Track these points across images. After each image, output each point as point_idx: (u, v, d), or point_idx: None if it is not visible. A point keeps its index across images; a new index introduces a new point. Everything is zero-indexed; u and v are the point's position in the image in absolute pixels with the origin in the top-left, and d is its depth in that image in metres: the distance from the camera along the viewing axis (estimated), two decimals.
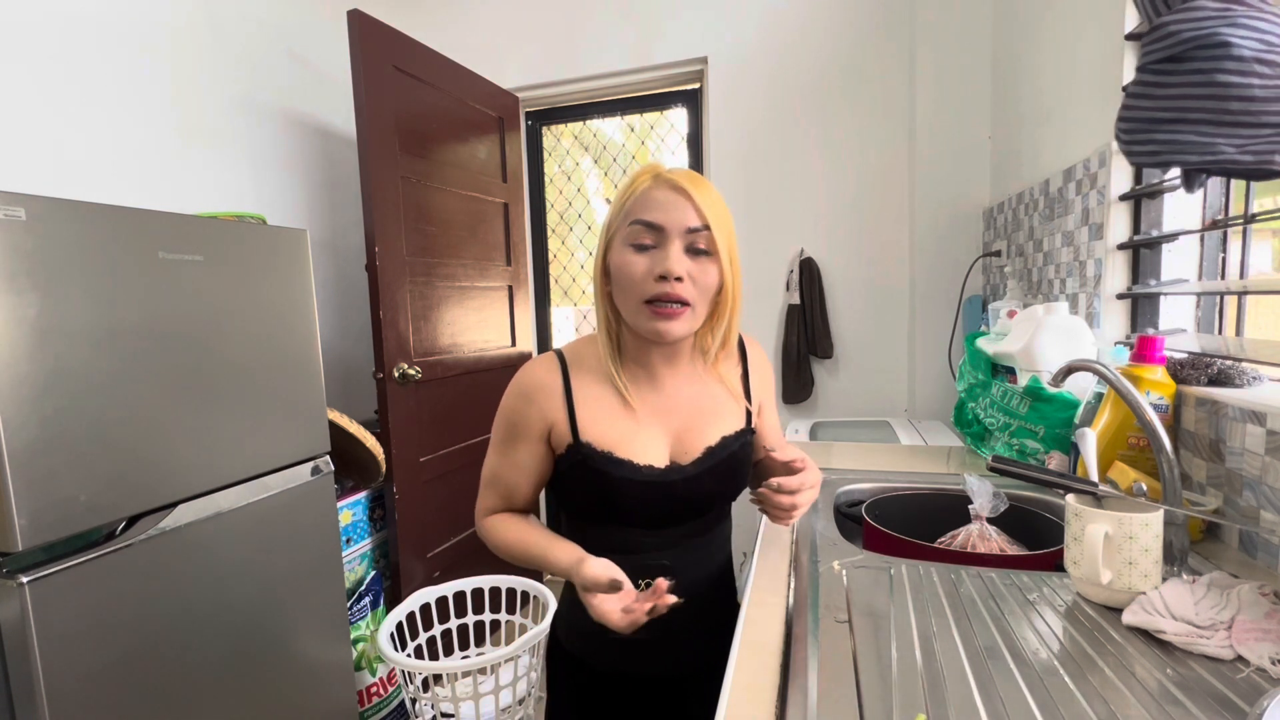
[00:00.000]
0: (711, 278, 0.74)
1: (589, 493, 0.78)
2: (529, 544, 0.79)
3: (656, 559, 0.79)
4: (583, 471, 0.77)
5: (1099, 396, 0.97)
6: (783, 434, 0.98)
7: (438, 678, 1.70)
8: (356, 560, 1.82)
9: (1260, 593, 0.64)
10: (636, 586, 0.79)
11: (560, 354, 0.82)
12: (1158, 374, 0.89)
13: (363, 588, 1.75)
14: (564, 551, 0.75)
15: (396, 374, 1.88)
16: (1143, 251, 1.20)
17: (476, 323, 2.27)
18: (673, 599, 0.67)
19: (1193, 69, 0.73)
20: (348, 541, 1.77)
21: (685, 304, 0.73)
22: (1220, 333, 1.12)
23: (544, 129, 2.68)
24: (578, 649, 0.85)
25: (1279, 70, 0.70)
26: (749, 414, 0.86)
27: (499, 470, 0.82)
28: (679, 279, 0.71)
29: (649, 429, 0.80)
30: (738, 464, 0.82)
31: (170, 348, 1.15)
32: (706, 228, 0.73)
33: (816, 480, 0.78)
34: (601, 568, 0.69)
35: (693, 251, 0.73)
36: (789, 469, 0.77)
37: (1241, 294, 1.06)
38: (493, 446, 0.83)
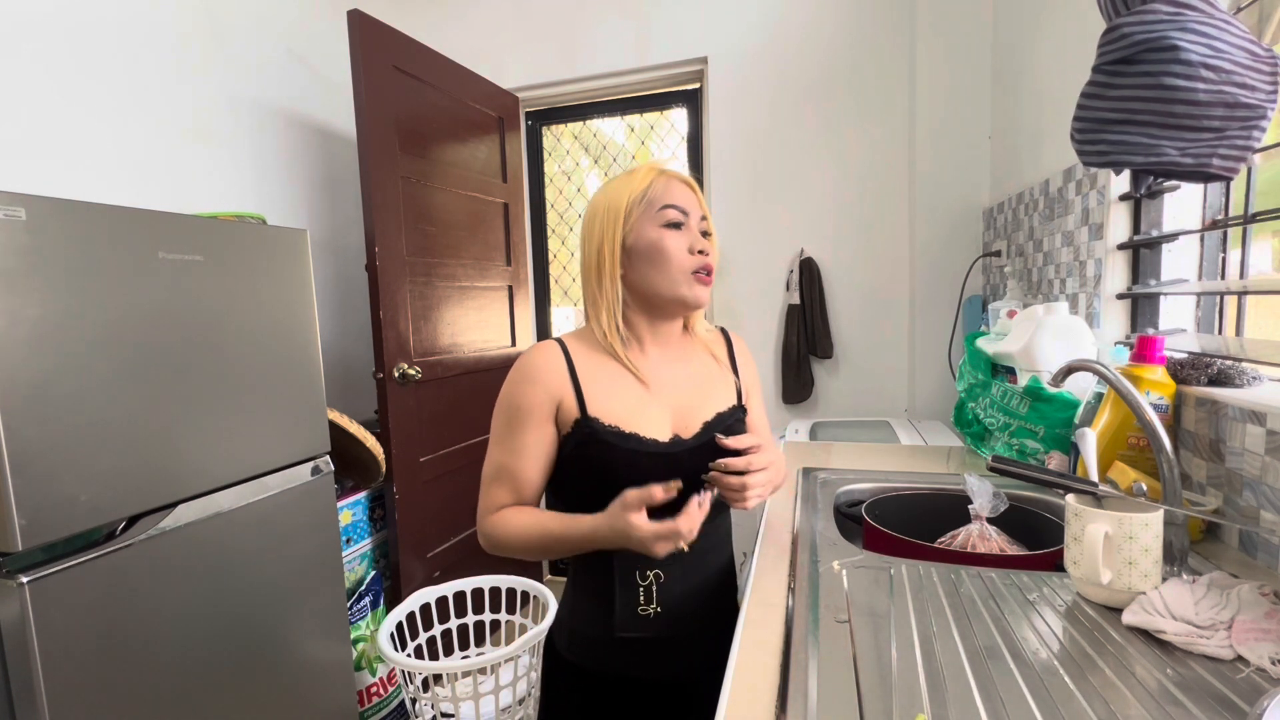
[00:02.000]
0: (714, 256, 0.86)
1: (595, 472, 0.78)
2: (547, 524, 0.78)
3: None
4: (590, 448, 0.78)
5: (1099, 396, 0.97)
6: (770, 431, 0.99)
7: (438, 678, 1.70)
8: (356, 560, 1.82)
9: (1260, 593, 0.64)
10: (643, 581, 0.80)
11: (558, 339, 0.85)
12: (1158, 374, 0.89)
13: (363, 588, 1.75)
14: (586, 518, 0.75)
15: (396, 374, 1.88)
16: (1143, 251, 1.20)
17: (476, 323, 2.28)
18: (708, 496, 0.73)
19: (1142, 71, 0.74)
20: (348, 541, 1.77)
21: (712, 273, 0.85)
22: (1220, 333, 1.12)
23: (544, 129, 2.68)
24: (579, 656, 0.84)
25: (1223, 76, 0.71)
26: (739, 393, 0.90)
27: (504, 461, 0.81)
28: (707, 253, 0.84)
29: (652, 404, 0.82)
30: None
31: (170, 348, 1.15)
32: (707, 216, 0.87)
33: (769, 462, 0.78)
34: (635, 497, 0.71)
35: (702, 235, 0.85)
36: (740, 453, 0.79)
37: (1241, 294, 1.06)
38: (495, 442, 0.82)
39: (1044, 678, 0.57)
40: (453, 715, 1.53)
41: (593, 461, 0.78)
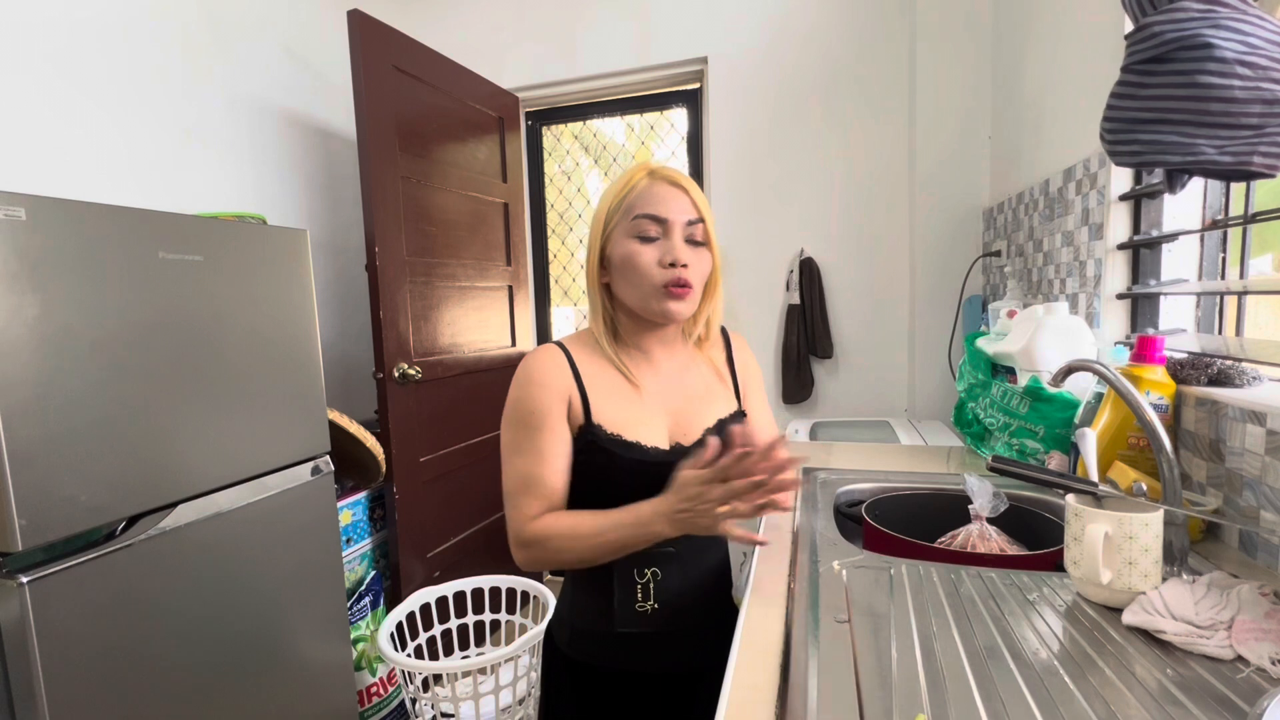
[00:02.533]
0: (707, 264, 0.82)
1: (597, 478, 0.79)
2: (601, 519, 0.75)
3: (663, 545, 0.80)
4: (592, 455, 0.78)
5: (1099, 396, 0.97)
6: (776, 426, 0.98)
7: (438, 678, 1.70)
8: (356, 560, 1.82)
9: (1260, 593, 0.64)
10: (640, 578, 0.80)
11: (559, 343, 0.84)
12: (1158, 374, 0.89)
13: (363, 588, 1.75)
14: (642, 504, 0.73)
15: (396, 374, 1.87)
16: (1143, 251, 1.20)
17: (476, 323, 2.27)
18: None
19: (1175, 70, 0.73)
20: (348, 541, 1.77)
21: (690, 287, 0.80)
22: (1220, 333, 1.12)
23: (544, 129, 2.68)
24: (579, 652, 0.85)
25: (1260, 72, 0.70)
26: (739, 397, 0.90)
27: (529, 469, 0.77)
28: (684, 265, 0.78)
29: (651, 411, 0.82)
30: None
31: (171, 348, 1.15)
32: (701, 220, 0.81)
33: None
34: (689, 470, 0.69)
35: (691, 242, 0.80)
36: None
37: (1241, 294, 1.06)
38: (512, 453, 0.79)
39: (1044, 678, 0.57)
40: (453, 715, 1.53)
41: (595, 469, 0.79)
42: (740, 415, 0.88)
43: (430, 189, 2.05)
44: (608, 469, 0.78)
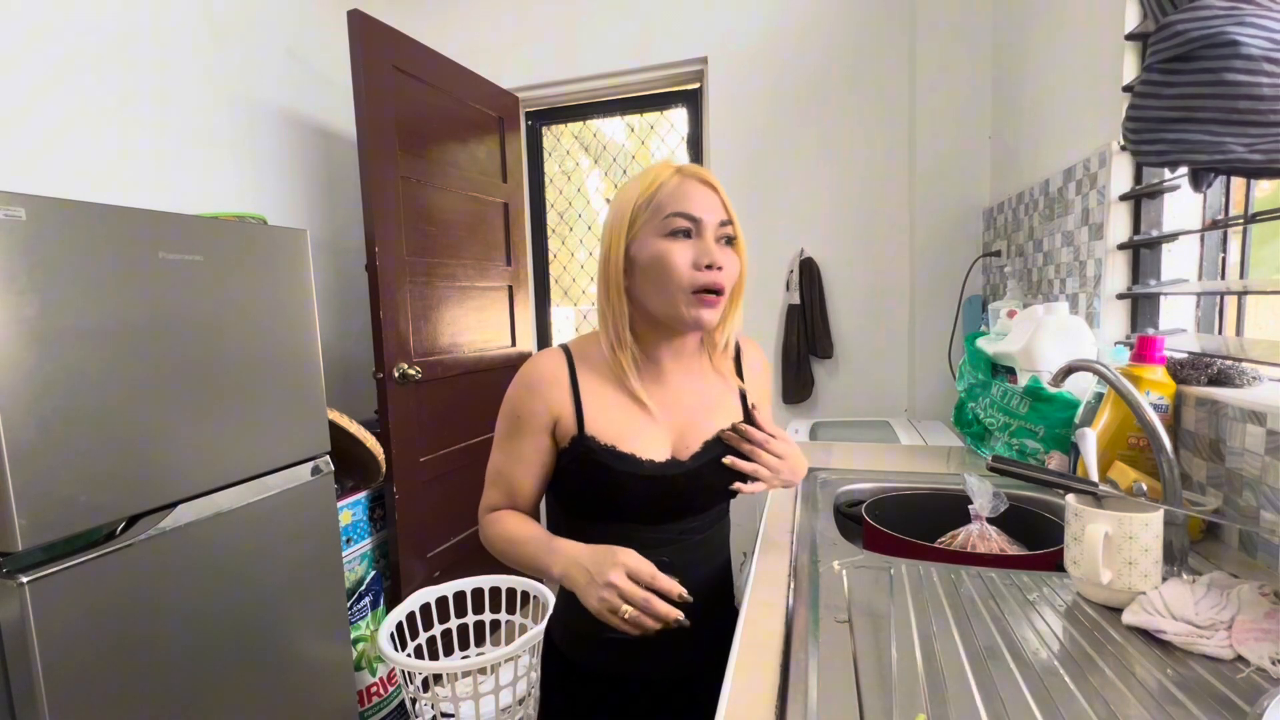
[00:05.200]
0: (736, 267, 0.79)
1: (591, 488, 0.79)
2: (528, 537, 0.79)
3: (656, 555, 0.77)
4: (585, 466, 0.78)
5: (1099, 396, 0.97)
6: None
7: (438, 678, 1.69)
8: (356, 560, 1.82)
9: (1260, 593, 0.64)
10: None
11: (566, 348, 0.83)
12: (1158, 374, 0.89)
13: (363, 588, 1.75)
14: (570, 543, 0.75)
15: (396, 374, 1.88)
16: (1143, 251, 1.20)
17: (476, 323, 2.27)
18: (678, 591, 0.69)
19: (1201, 68, 0.73)
20: (348, 541, 1.77)
21: (722, 293, 0.77)
22: (1220, 333, 1.12)
23: (544, 129, 2.68)
24: (573, 652, 0.84)
25: None
26: (745, 408, 0.88)
27: (502, 466, 0.82)
28: (719, 268, 0.75)
29: (653, 424, 0.81)
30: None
31: (170, 348, 1.15)
32: (731, 222, 0.78)
33: (786, 452, 0.83)
34: (635, 555, 0.70)
35: (722, 243, 0.78)
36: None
37: (1242, 294, 1.06)
38: (497, 442, 0.83)
39: (1044, 678, 0.57)
40: (453, 715, 1.53)
41: (588, 478, 0.78)
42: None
43: (430, 189, 2.05)
44: (604, 481, 0.77)
